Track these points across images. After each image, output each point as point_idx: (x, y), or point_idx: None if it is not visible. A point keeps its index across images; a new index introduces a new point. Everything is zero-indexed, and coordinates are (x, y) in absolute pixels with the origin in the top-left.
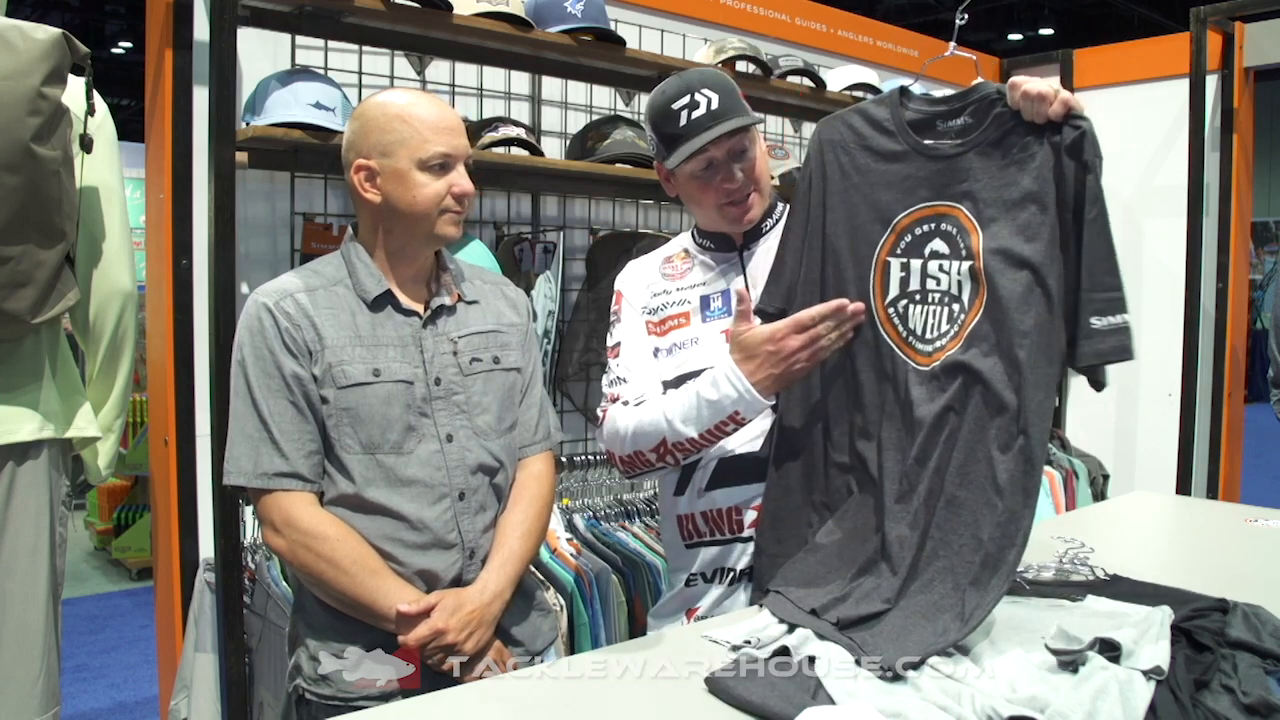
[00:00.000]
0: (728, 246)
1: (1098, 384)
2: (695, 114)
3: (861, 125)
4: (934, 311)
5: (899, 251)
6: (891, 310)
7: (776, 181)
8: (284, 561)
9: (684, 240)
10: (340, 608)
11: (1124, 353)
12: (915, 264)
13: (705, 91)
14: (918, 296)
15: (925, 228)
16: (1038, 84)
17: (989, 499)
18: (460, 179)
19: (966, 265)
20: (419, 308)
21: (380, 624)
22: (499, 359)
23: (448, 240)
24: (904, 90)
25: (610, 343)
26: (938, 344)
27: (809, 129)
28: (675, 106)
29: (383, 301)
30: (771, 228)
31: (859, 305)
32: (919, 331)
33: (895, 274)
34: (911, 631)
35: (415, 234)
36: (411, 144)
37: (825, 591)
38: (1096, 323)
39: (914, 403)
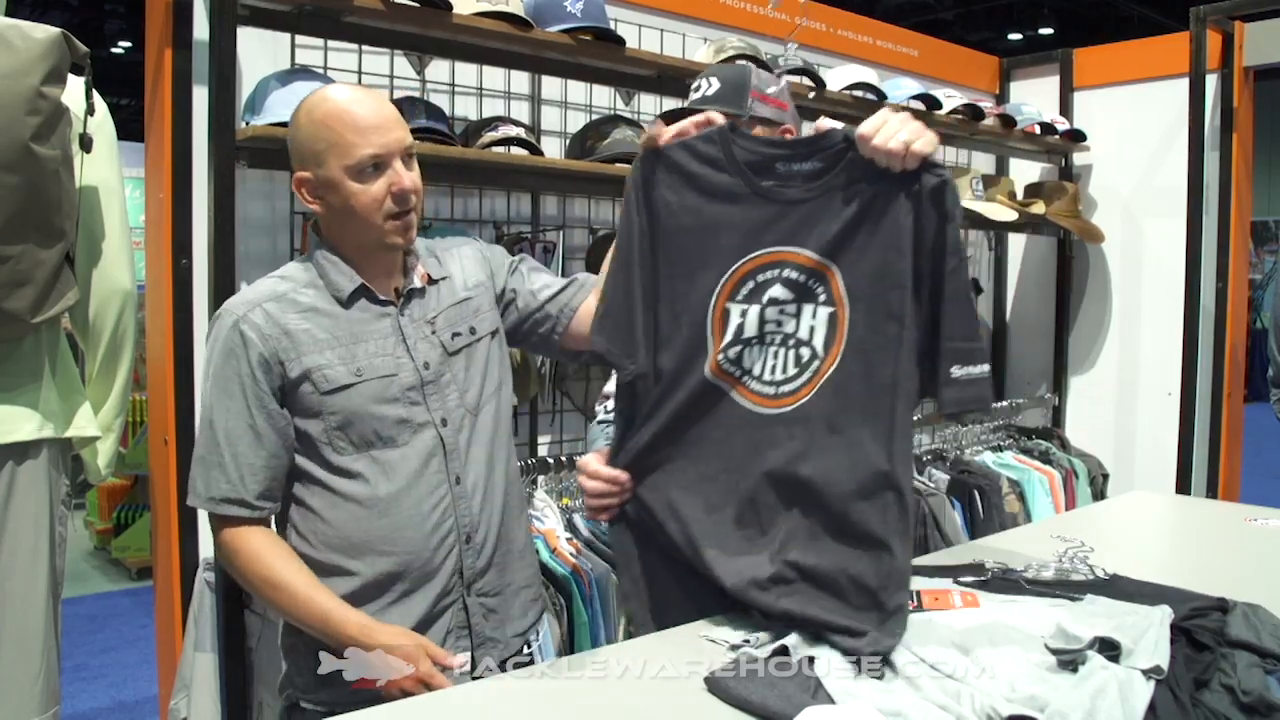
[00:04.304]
0: None
1: (961, 422)
2: (694, 95)
3: (689, 162)
4: (775, 353)
5: (739, 298)
6: (722, 356)
7: None
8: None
9: None
10: (298, 625)
11: (982, 402)
12: (753, 310)
13: (712, 79)
14: (754, 341)
15: (768, 274)
16: (887, 137)
17: (862, 549)
18: (398, 176)
19: (826, 312)
20: (392, 297)
21: (334, 642)
22: (475, 329)
23: (397, 249)
24: (733, 128)
25: None
26: (784, 387)
27: (809, 129)
28: (691, 86)
29: (357, 296)
30: None
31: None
32: (755, 372)
33: (734, 320)
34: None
35: (366, 240)
36: (338, 150)
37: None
38: (957, 372)
39: (759, 445)
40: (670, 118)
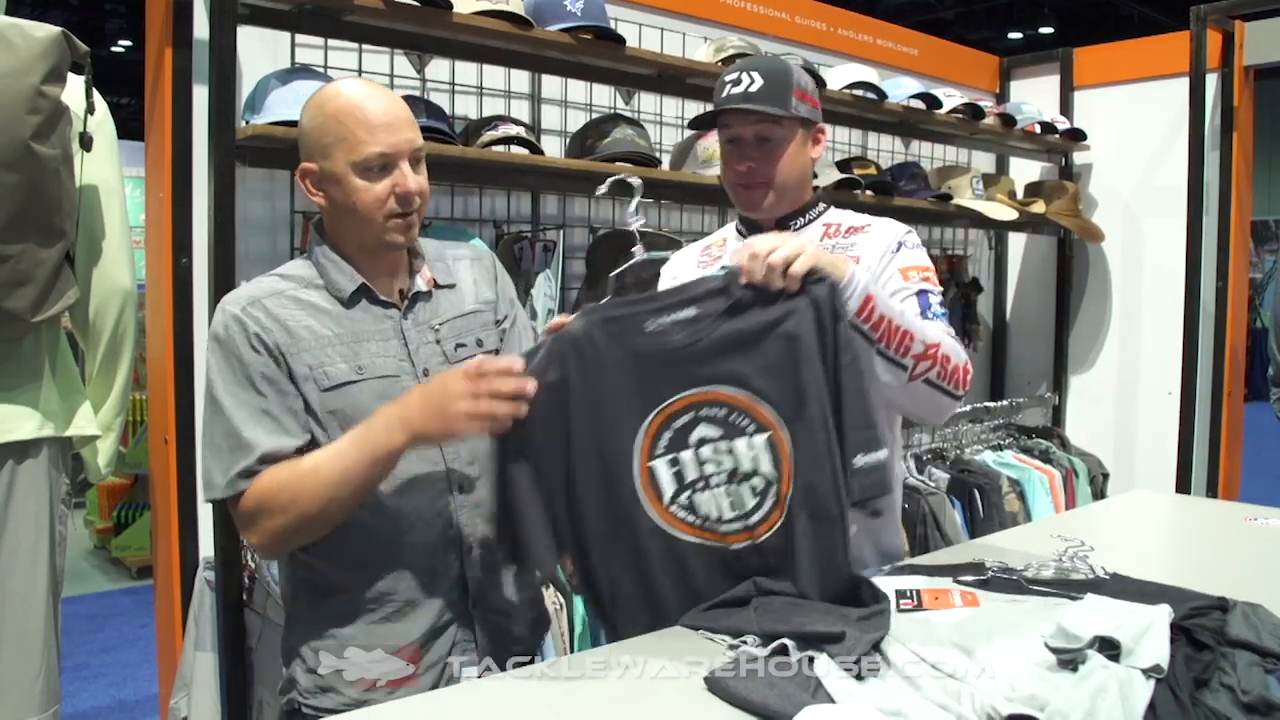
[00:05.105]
0: (758, 233)
1: (874, 512)
2: (733, 90)
3: (563, 353)
4: (727, 490)
5: (659, 452)
6: (675, 507)
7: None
8: (282, 547)
9: (728, 228)
10: (349, 487)
11: (882, 487)
12: (686, 455)
13: (753, 73)
14: (700, 485)
15: (684, 419)
16: (762, 255)
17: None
18: (404, 177)
19: (763, 438)
20: (395, 298)
21: (388, 458)
22: (482, 341)
23: (396, 248)
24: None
25: None
26: (750, 520)
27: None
28: (725, 79)
29: (358, 296)
30: (803, 226)
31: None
32: (714, 515)
33: (665, 474)
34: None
35: (365, 238)
36: (346, 145)
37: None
38: (859, 460)
39: (737, 575)
40: (701, 122)
